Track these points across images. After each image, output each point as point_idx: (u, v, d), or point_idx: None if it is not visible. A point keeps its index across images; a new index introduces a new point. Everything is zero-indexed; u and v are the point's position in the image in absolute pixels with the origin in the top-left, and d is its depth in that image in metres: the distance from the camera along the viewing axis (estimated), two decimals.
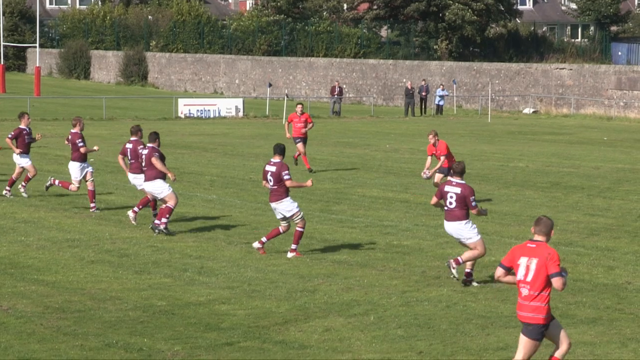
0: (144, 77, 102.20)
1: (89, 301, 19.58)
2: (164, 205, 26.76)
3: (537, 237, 14.14)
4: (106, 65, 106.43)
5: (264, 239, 24.34)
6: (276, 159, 24.14)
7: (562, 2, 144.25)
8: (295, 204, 23.99)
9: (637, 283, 21.55)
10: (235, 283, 21.20)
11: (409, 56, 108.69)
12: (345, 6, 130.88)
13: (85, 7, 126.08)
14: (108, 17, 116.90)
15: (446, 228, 21.85)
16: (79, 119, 30.93)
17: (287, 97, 74.39)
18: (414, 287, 21.02)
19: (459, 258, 21.37)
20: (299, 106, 39.80)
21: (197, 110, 72.21)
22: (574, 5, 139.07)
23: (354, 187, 31.13)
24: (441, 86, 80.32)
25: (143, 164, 26.69)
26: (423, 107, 77.69)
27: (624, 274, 22.41)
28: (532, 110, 78.60)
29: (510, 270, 14.84)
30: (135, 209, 27.98)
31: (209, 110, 72.26)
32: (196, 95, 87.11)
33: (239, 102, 75.87)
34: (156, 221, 26.54)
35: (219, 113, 72.04)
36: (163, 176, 26.39)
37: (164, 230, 26.27)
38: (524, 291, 14.04)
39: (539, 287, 13.77)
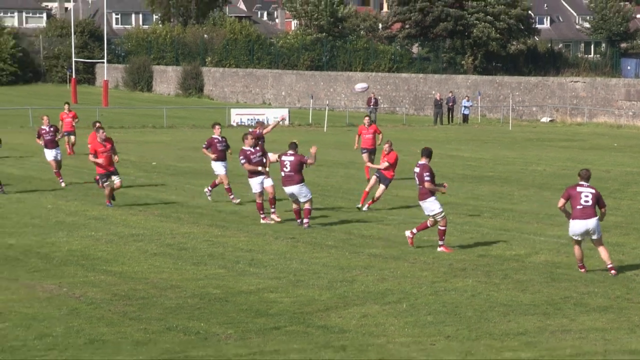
0: (200, 90, 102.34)
1: (152, 289, 19.68)
2: (305, 206, 27.08)
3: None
4: (166, 79, 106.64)
5: (414, 230, 24.29)
6: (422, 161, 24.09)
7: (577, 22, 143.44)
8: (438, 204, 23.94)
9: None
10: (281, 274, 21.24)
11: (437, 70, 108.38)
12: (380, 25, 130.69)
13: (147, 26, 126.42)
14: (168, 36, 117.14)
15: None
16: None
17: (327, 107, 74.82)
18: (442, 278, 20.99)
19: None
20: (366, 118, 37.23)
21: (248, 119, 72.38)
22: (587, 25, 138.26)
23: (389, 189, 31.00)
24: (466, 97, 79.87)
25: (288, 170, 26.55)
26: (450, 116, 77.44)
27: (632, 267, 22.31)
28: (549, 119, 78.27)
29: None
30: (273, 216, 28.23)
31: (258, 119, 72.22)
32: (246, 105, 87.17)
33: (284, 111, 75.94)
34: (305, 221, 27.00)
35: (267, 122, 72.05)
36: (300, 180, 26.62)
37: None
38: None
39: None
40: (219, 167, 30.74)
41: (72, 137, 38.49)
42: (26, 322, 17.03)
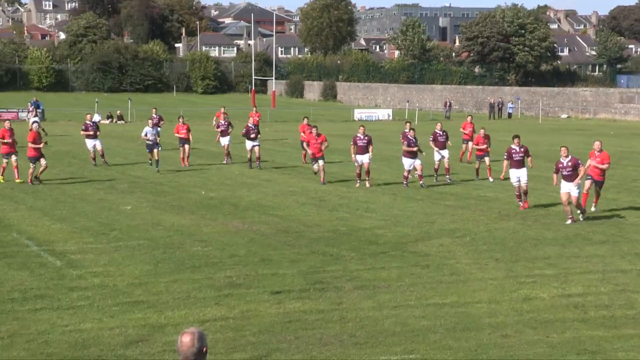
0: (334, 97, 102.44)
1: (302, 226, 19.80)
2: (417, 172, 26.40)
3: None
4: (312, 90, 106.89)
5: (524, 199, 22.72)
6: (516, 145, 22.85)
7: (586, 51, 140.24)
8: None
9: (631, 219, 20.95)
10: (386, 217, 21.18)
11: (491, 84, 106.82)
12: (453, 54, 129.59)
13: (301, 55, 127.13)
14: (315, 62, 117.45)
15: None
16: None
17: (408, 102, 74.73)
18: (494, 220, 20.76)
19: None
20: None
21: (366, 116, 72.18)
22: (594, 52, 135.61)
23: (458, 163, 30.67)
24: (511, 101, 79.29)
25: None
26: (499, 114, 76.57)
27: (622, 213, 21.81)
28: (566, 116, 77.00)
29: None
30: None
31: (372, 116, 72.56)
32: (364, 107, 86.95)
33: (390, 111, 75.71)
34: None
35: (379, 117, 72.02)
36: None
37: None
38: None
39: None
40: (362, 158, 26.87)
41: (187, 147, 33.07)
42: (222, 247, 17.35)
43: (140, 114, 62.31)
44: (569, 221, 20.30)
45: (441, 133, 28.21)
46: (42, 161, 26.52)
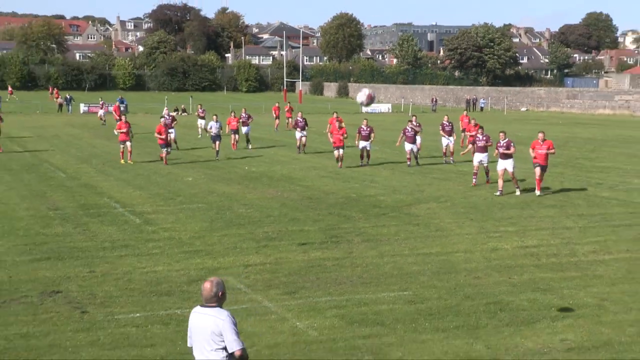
0: (347, 94, 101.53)
1: (321, 194, 19.76)
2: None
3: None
4: (330, 89, 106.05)
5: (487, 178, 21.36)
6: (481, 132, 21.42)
7: (541, 58, 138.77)
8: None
9: (574, 189, 20.69)
10: (387, 187, 21.07)
11: (467, 84, 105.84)
12: (439, 61, 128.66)
13: (321, 62, 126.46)
14: (332, 68, 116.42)
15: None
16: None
17: (403, 99, 74.33)
18: (469, 190, 20.57)
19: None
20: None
21: (370, 109, 67.82)
22: (547, 60, 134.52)
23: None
24: (482, 98, 78.64)
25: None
26: (474, 107, 75.77)
27: (567, 184, 21.50)
28: (525, 109, 75.91)
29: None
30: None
31: (375, 109, 69.31)
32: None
33: (389, 105, 74.48)
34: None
35: (381, 110, 70.23)
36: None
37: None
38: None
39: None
40: (364, 144, 25.83)
41: (237, 135, 31.42)
42: (260, 209, 17.32)
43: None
44: (498, 193, 19.44)
45: (448, 123, 27.18)
46: (128, 144, 26.48)
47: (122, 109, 43.90)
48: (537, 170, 19.47)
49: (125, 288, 11.02)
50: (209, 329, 5.87)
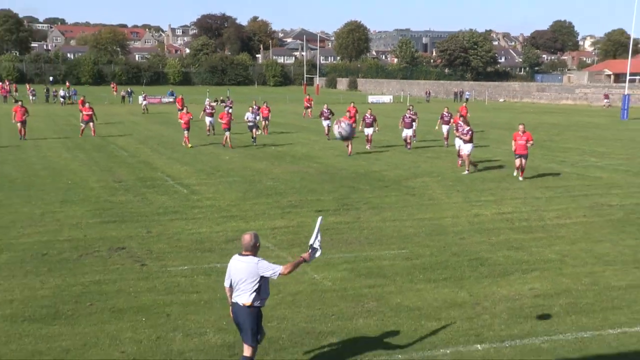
0: (356, 87, 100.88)
1: (335, 169, 19.59)
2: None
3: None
4: (342, 83, 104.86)
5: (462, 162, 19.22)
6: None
7: (516, 58, 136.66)
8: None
9: (543, 165, 20.37)
10: (389, 164, 20.78)
11: (455, 79, 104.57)
12: (432, 60, 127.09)
13: (335, 61, 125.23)
14: (343, 65, 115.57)
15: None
16: None
17: (407, 96, 73.38)
18: (456, 168, 20.34)
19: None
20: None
21: (375, 99, 67.41)
22: (520, 60, 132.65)
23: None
24: (467, 91, 77.63)
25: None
26: (460, 98, 74.57)
27: (537, 162, 21.19)
28: (503, 100, 74.92)
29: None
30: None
31: (379, 100, 68.07)
32: (375, 94, 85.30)
33: (391, 97, 73.13)
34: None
35: (384, 101, 68.54)
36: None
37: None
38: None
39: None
40: (368, 130, 24.38)
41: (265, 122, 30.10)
42: (285, 182, 17.23)
43: (235, 98, 61.97)
44: (466, 172, 18.55)
45: (447, 114, 25.89)
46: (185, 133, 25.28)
47: (172, 100, 43.80)
48: (518, 160, 17.55)
49: (175, 246, 11.05)
50: (244, 273, 6.05)
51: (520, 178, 17.76)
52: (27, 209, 13.65)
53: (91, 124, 27.75)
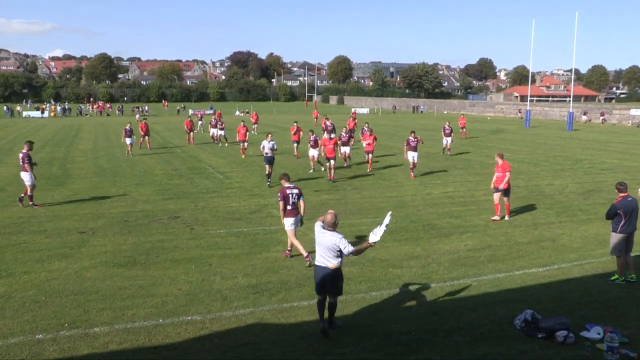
0: (343, 102, 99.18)
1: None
2: None
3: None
4: (333, 100, 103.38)
5: None
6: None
7: (454, 83, 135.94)
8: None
9: (475, 158, 19.94)
10: (366, 161, 20.52)
11: (413, 97, 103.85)
12: (396, 84, 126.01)
13: (328, 84, 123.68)
14: (334, 87, 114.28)
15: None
16: None
17: (395, 108, 71.93)
18: (418, 163, 19.96)
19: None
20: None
21: (357, 111, 63.08)
22: (458, 84, 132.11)
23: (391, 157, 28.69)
24: (422, 105, 76.68)
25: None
26: (417, 111, 73.90)
27: (471, 154, 20.95)
28: (446, 112, 73.05)
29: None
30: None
31: (360, 111, 65.84)
32: (356, 107, 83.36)
33: (368, 109, 72.00)
34: None
35: (363, 112, 67.09)
36: None
37: None
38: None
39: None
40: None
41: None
42: (291, 170, 17.03)
43: (257, 110, 60.88)
44: (412, 176, 15.33)
45: (447, 127, 21.26)
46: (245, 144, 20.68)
47: (211, 112, 42.70)
48: (496, 195, 10.67)
49: (214, 215, 11.00)
50: (329, 243, 5.69)
51: (507, 217, 10.64)
52: (114, 189, 13.71)
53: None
